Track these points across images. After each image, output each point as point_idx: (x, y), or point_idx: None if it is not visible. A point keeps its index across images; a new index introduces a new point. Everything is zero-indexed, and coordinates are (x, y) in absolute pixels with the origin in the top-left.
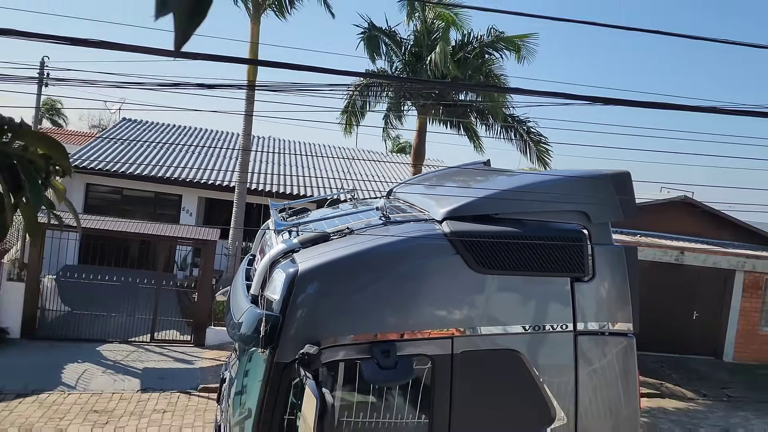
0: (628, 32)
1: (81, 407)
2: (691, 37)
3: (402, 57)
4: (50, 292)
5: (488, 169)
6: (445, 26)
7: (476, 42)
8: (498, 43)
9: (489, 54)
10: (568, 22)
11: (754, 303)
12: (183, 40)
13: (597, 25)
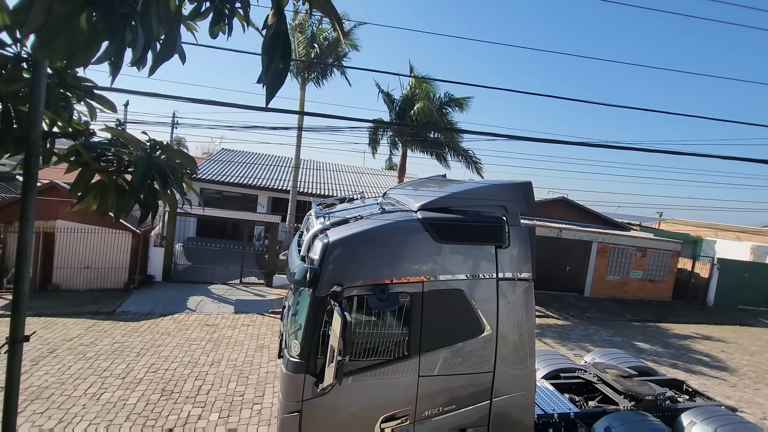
0: (542, 88)
1: (198, 322)
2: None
3: (395, 110)
4: (179, 253)
5: (446, 180)
6: (424, 91)
7: (438, 102)
8: (450, 102)
9: (445, 109)
10: (492, 89)
11: (603, 261)
12: (270, 98)
13: (512, 91)
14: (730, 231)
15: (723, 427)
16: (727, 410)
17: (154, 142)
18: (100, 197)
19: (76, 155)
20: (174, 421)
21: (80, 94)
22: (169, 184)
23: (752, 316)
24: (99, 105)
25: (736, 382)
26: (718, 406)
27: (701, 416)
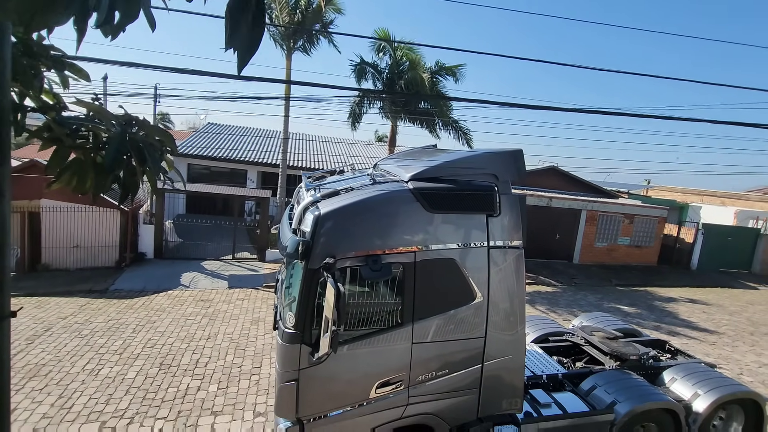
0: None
1: (193, 298)
2: None
3: (382, 80)
4: (169, 230)
5: (436, 149)
6: (413, 61)
7: (428, 71)
8: (442, 71)
9: (436, 78)
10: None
11: (592, 228)
12: (242, 66)
13: (505, 57)
14: (715, 196)
15: (702, 382)
16: (706, 367)
17: (128, 117)
18: (78, 175)
19: (49, 131)
20: (173, 393)
21: (48, 63)
22: (147, 162)
23: (734, 279)
24: (72, 74)
25: (716, 341)
26: (697, 363)
27: (682, 373)
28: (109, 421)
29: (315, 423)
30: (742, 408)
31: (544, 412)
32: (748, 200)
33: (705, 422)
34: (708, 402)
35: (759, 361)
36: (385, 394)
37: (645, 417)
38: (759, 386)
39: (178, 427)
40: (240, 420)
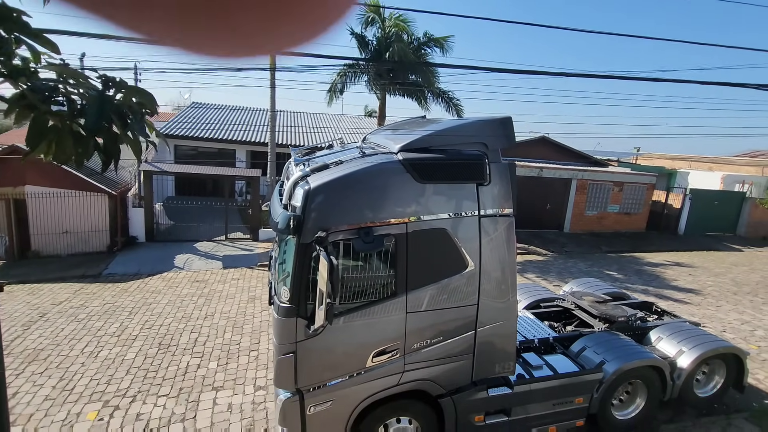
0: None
1: (188, 279)
2: None
3: (370, 52)
4: (160, 213)
5: (425, 120)
6: (399, 30)
7: (416, 41)
8: (429, 42)
9: (424, 49)
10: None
11: (582, 197)
12: None
13: (494, 20)
14: (703, 162)
15: (686, 339)
16: (691, 325)
17: (106, 79)
18: (57, 144)
19: (21, 99)
20: (174, 371)
21: (15, 27)
22: (129, 125)
23: (719, 242)
24: (39, 46)
25: (701, 302)
26: (683, 323)
27: (667, 332)
28: (111, 400)
29: (314, 392)
30: (724, 362)
31: (536, 373)
32: (734, 165)
33: (689, 377)
34: (692, 358)
35: (741, 319)
36: (382, 363)
37: (632, 374)
38: (740, 342)
39: (180, 403)
40: (241, 394)
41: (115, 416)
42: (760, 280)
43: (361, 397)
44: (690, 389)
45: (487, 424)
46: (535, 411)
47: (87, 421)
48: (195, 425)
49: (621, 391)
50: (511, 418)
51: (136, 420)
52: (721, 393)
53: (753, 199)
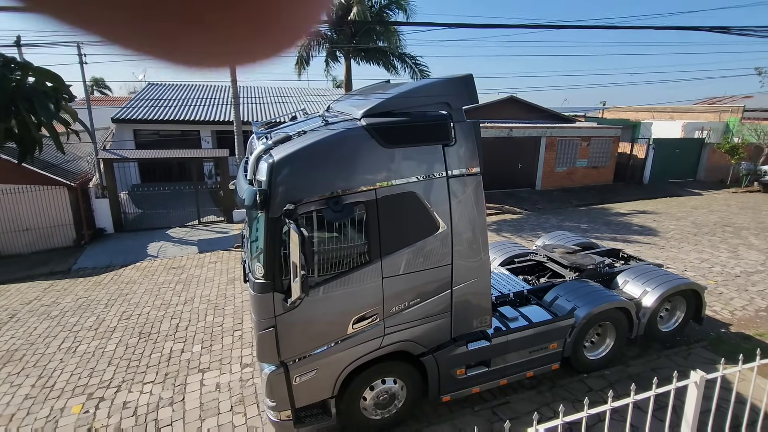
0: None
1: (164, 267)
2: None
3: (330, 17)
4: (127, 202)
5: (389, 84)
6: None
7: (378, 5)
8: (391, 4)
9: (386, 12)
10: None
11: (552, 154)
12: None
13: None
14: (665, 112)
15: (649, 280)
16: (654, 267)
17: (5, 60)
18: None
19: None
20: (158, 358)
21: None
22: (44, 110)
23: (681, 188)
24: None
25: (665, 245)
26: (647, 265)
27: (633, 275)
28: (95, 392)
29: (298, 363)
30: (684, 298)
31: (512, 325)
32: (694, 112)
33: (653, 315)
34: (655, 297)
35: (701, 258)
36: (363, 329)
37: (601, 317)
38: (700, 278)
39: (167, 387)
40: (228, 373)
41: (101, 407)
42: (718, 220)
43: (345, 363)
44: (654, 326)
45: (469, 376)
46: (513, 360)
47: (72, 415)
48: (184, 407)
49: (592, 334)
50: (491, 368)
51: (123, 408)
52: (682, 326)
53: (711, 144)
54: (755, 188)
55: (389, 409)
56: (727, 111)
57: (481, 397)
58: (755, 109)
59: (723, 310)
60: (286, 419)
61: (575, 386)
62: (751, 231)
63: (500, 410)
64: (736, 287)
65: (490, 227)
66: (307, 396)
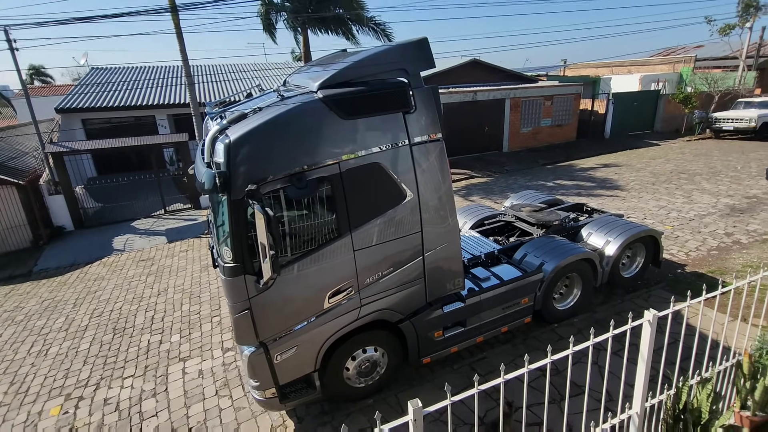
0: None
1: (132, 260)
2: None
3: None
4: (85, 196)
5: (345, 53)
6: None
7: None
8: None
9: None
10: None
11: (516, 116)
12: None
13: None
14: (623, 66)
15: (611, 231)
16: (616, 217)
17: None
18: None
19: None
20: (135, 352)
21: None
22: None
23: (640, 140)
24: None
25: (626, 195)
26: (609, 216)
27: (596, 226)
28: (73, 392)
29: (277, 342)
30: (643, 244)
31: (485, 284)
32: (650, 65)
33: (615, 262)
34: (616, 246)
35: (659, 205)
36: (339, 302)
37: (568, 269)
38: (658, 225)
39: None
40: (210, 359)
41: (80, 406)
42: (674, 168)
43: (325, 337)
44: (617, 273)
45: (446, 337)
46: (487, 317)
47: (51, 417)
48: (168, 397)
49: (560, 286)
50: (467, 327)
51: (104, 405)
52: (643, 271)
53: (666, 95)
54: (707, 135)
55: (372, 377)
56: (681, 62)
57: (459, 356)
58: (706, 58)
59: (679, 252)
60: (272, 396)
61: (547, 336)
62: (704, 176)
63: (478, 366)
64: (690, 230)
65: (459, 192)
66: (290, 372)
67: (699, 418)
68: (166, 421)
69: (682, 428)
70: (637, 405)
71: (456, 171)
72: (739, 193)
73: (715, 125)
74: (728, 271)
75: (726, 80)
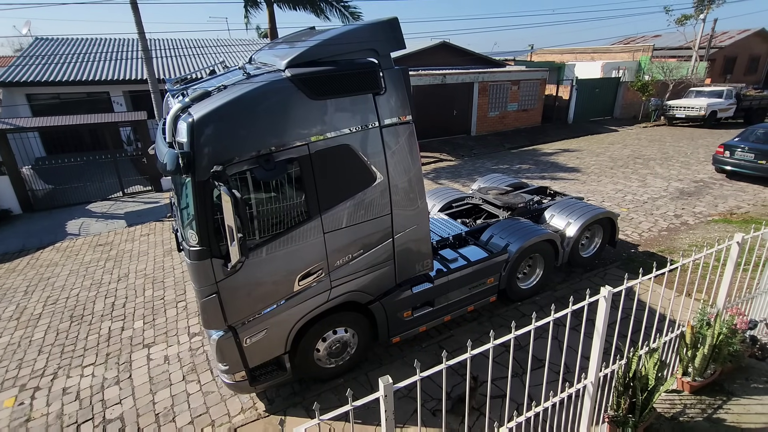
0: None
1: (88, 245)
2: None
3: None
4: (33, 178)
5: (314, 31)
6: None
7: None
8: None
9: None
10: None
11: (485, 99)
12: None
13: None
14: (586, 53)
15: (572, 213)
16: (576, 200)
17: None
18: None
19: None
20: (95, 339)
21: None
22: None
23: (600, 125)
24: None
25: (586, 179)
26: (570, 199)
27: (558, 209)
28: (28, 383)
29: (246, 325)
30: (601, 226)
31: (452, 265)
32: (612, 52)
33: (575, 243)
34: (576, 227)
35: (616, 189)
36: (309, 284)
37: (531, 250)
38: (615, 207)
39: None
40: (176, 345)
41: (37, 397)
42: (630, 153)
43: (295, 320)
44: (577, 253)
45: (415, 317)
46: (455, 297)
47: (6, 409)
48: (132, 384)
49: (524, 266)
50: (435, 307)
51: (63, 395)
52: (600, 251)
53: (626, 83)
54: (662, 122)
55: (343, 357)
56: (640, 50)
57: (428, 335)
58: (663, 48)
59: (633, 233)
60: (241, 380)
61: (511, 314)
62: (657, 161)
63: (446, 344)
64: (644, 212)
65: (428, 175)
66: (260, 355)
67: (646, 385)
68: (131, 408)
69: (631, 394)
70: (591, 375)
71: (425, 154)
72: (688, 177)
73: (668, 113)
74: (676, 250)
75: (680, 70)
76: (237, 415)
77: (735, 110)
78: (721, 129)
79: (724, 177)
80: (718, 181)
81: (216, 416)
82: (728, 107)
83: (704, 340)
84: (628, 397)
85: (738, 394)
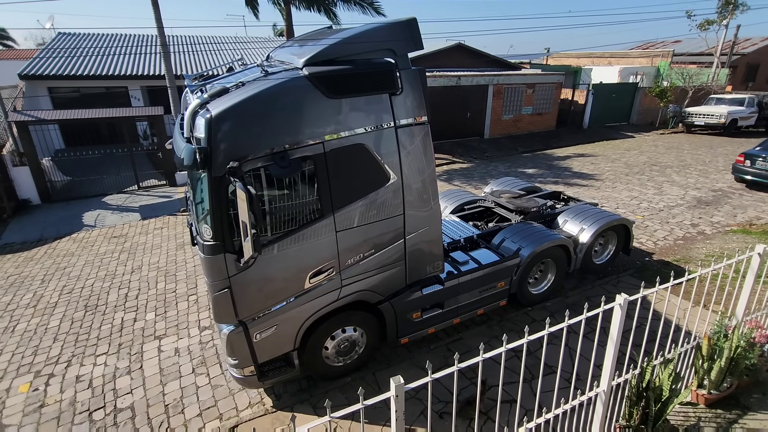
0: None
1: (104, 236)
2: None
3: None
4: (52, 169)
5: (331, 30)
6: None
7: None
8: None
9: None
10: None
11: (499, 102)
12: None
13: None
14: (604, 57)
15: (586, 219)
16: (590, 206)
17: None
18: None
19: None
20: (108, 329)
21: None
22: None
23: (616, 131)
24: None
25: (600, 185)
26: (584, 205)
27: (571, 214)
28: (43, 369)
29: (257, 321)
30: (615, 233)
31: (463, 268)
32: (630, 57)
33: (588, 249)
34: (590, 233)
35: (631, 195)
36: (320, 282)
37: (543, 255)
38: (629, 214)
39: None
40: (186, 337)
41: (51, 383)
42: (647, 160)
43: (305, 317)
44: (590, 259)
45: (424, 318)
46: (465, 300)
47: (21, 394)
48: (143, 374)
49: (535, 271)
50: (445, 309)
51: (77, 382)
52: (613, 258)
53: (644, 88)
54: (680, 129)
55: (351, 356)
56: (659, 55)
57: (436, 336)
58: (683, 53)
59: (648, 241)
60: (250, 375)
61: (521, 318)
62: (674, 169)
63: (454, 346)
64: (659, 220)
65: (441, 177)
66: (269, 351)
67: (660, 396)
68: (141, 398)
69: (644, 404)
70: (604, 383)
71: (438, 156)
72: (706, 186)
73: (687, 120)
74: (692, 260)
75: (700, 76)
76: (245, 410)
77: (756, 118)
78: (741, 137)
79: (744, 187)
80: (737, 191)
81: (224, 410)
82: (749, 115)
83: (721, 352)
84: (641, 408)
85: (754, 409)
